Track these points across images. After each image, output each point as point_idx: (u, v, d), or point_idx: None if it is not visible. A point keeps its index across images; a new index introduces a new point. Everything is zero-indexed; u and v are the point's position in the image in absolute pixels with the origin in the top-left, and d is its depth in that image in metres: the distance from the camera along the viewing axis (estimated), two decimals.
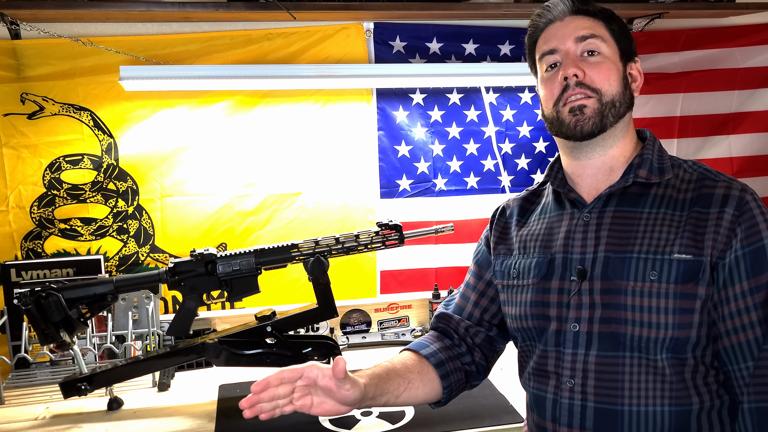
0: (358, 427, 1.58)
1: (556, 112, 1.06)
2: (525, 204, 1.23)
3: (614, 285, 1.01)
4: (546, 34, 1.10)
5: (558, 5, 1.09)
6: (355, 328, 2.32)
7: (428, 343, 1.22)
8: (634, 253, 1.00)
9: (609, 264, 1.02)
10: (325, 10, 2.02)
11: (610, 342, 1.00)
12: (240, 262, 1.70)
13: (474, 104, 2.35)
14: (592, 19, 1.07)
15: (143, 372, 1.75)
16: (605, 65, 1.05)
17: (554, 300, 1.07)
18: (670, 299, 0.97)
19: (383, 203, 2.32)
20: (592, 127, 1.03)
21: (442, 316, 1.27)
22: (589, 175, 1.09)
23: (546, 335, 1.07)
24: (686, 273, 0.97)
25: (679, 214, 1.01)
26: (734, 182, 1.01)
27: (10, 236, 2.05)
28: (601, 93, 1.03)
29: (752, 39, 2.45)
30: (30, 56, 2.00)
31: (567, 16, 1.08)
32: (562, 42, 1.06)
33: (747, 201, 0.98)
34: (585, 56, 1.05)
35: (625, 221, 1.04)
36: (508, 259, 1.18)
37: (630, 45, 1.10)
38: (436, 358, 1.17)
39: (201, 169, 2.16)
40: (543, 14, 1.11)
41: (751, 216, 0.97)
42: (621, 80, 1.06)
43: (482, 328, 1.23)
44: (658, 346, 0.98)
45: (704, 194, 1.01)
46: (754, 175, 2.53)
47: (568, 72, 1.04)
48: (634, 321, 0.98)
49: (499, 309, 1.22)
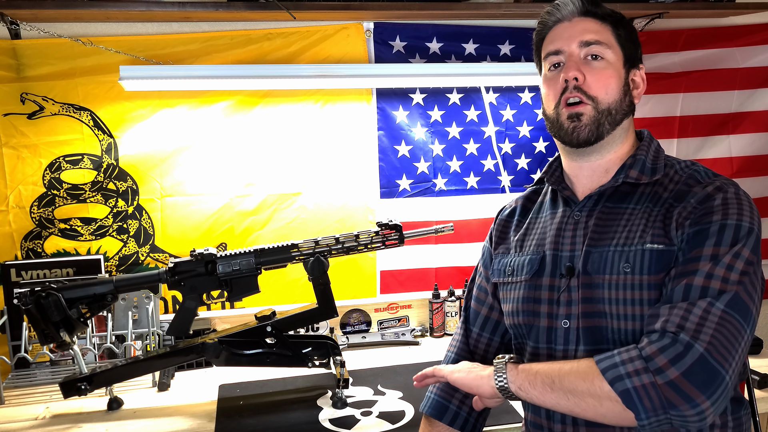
0: (358, 426, 1.58)
1: (557, 114, 1.08)
2: (527, 203, 1.25)
3: (593, 280, 1.02)
4: (553, 33, 1.10)
5: (567, 5, 1.09)
6: (355, 328, 2.32)
7: (446, 403, 1.24)
8: (610, 247, 1.02)
9: (589, 259, 1.03)
10: (325, 10, 2.02)
11: (595, 337, 1.02)
12: (240, 262, 1.70)
13: (474, 104, 2.35)
14: (600, 23, 1.08)
15: (143, 372, 1.75)
16: (606, 72, 1.05)
17: (545, 297, 1.08)
18: (645, 290, 0.97)
19: (383, 203, 2.32)
20: (588, 135, 1.05)
21: (461, 354, 1.28)
22: (585, 175, 1.11)
23: (537, 332, 1.09)
24: (658, 263, 0.97)
25: (658, 209, 1.01)
26: (717, 181, 1.01)
27: (10, 236, 2.05)
28: (598, 101, 1.04)
29: (752, 39, 2.45)
30: (30, 56, 2.00)
31: (575, 17, 1.09)
32: (567, 44, 1.07)
33: (713, 196, 0.97)
34: (588, 60, 1.06)
35: (608, 218, 1.06)
36: (505, 257, 1.21)
37: (636, 51, 1.10)
38: (460, 419, 1.23)
39: (201, 169, 2.16)
40: (552, 12, 1.11)
41: (710, 205, 0.96)
42: (621, 88, 1.06)
43: (496, 337, 1.26)
44: (639, 338, 0.97)
45: (682, 191, 1.01)
46: (754, 175, 2.53)
47: (569, 75, 1.05)
48: (612, 314, 1.00)
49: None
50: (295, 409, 1.70)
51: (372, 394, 1.78)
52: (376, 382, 1.86)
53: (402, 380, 1.86)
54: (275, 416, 1.65)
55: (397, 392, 1.78)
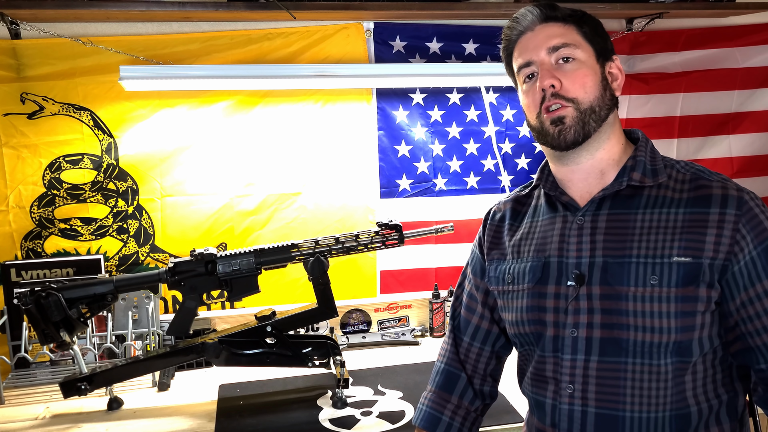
0: (358, 426, 1.58)
1: (540, 122, 1.06)
2: (516, 206, 1.22)
3: (615, 291, 1.00)
4: (519, 45, 1.09)
5: (527, 15, 1.08)
6: (355, 328, 2.32)
7: (438, 414, 1.24)
8: (633, 258, 1.00)
9: (608, 269, 1.01)
10: (325, 10, 2.02)
11: (612, 347, 1.00)
12: (240, 261, 1.70)
13: (474, 104, 2.35)
14: (562, 25, 1.06)
15: (143, 372, 1.75)
16: (581, 72, 1.04)
17: (551, 305, 1.06)
18: (672, 303, 0.97)
19: (383, 203, 2.32)
20: (575, 136, 1.03)
21: (451, 364, 1.28)
22: (579, 179, 1.09)
23: (543, 341, 1.07)
24: (686, 276, 0.97)
25: (675, 213, 1.00)
26: (729, 182, 1.02)
27: (10, 236, 2.05)
28: (578, 102, 1.03)
29: (752, 39, 2.45)
30: (30, 56, 2.00)
31: (537, 25, 1.07)
32: (536, 53, 1.06)
33: (746, 201, 0.98)
34: (560, 63, 1.05)
35: (620, 224, 1.03)
36: (502, 264, 1.18)
37: (605, 44, 1.09)
38: (453, 430, 1.23)
39: (201, 169, 2.16)
40: (513, 27, 1.10)
41: (754, 215, 0.97)
42: (599, 83, 1.05)
43: (487, 346, 1.25)
44: (662, 351, 0.97)
45: (702, 195, 1.00)
46: (754, 175, 2.53)
47: (545, 84, 1.03)
48: (636, 326, 0.98)
49: (500, 316, 1.22)
50: (295, 409, 1.70)
51: (372, 394, 1.78)
52: (376, 382, 1.86)
53: (402, 380, 1.86)
54: (275, 416, 1.66)
55: (397, 392, 1.78)
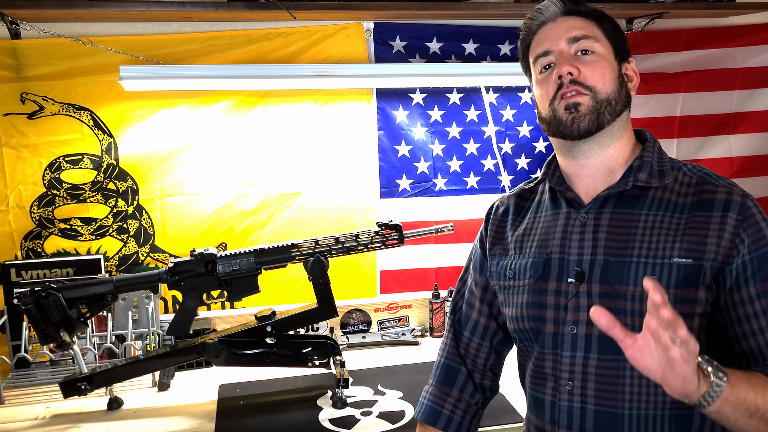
0: (358, 426, 1.58)
1: (552, 110, 1.05)
2: (520, 201, 1.22)
3: (614, 289, 1.00)
4: (539, 36, 1.09)
5: (549, 7, 1.08)
6: (355, 328, 2.32)
7: (439, 408, 1.24)
8: (633, 257, 1.00)
9: (609, 268, 1.01)
10: (325, 10, 2.02)
11: (612, 345, 0.99)
12: (240, 261, 1.70)
13: (474, 104, 2.35)
14: (584, 20, 1.07)
15: (143, 372, 1.75)
16: (600, 64, 1.04)
17: (551, 302, 1.06)
18: (671, 304, 0.96)
19: (383, 203, 2.32)
20: (588, 125, 1.02)
21: (451, 358, 1.28)
22: (587, 175, 1.08)
23: (543, 337, 1.07)
24: (686, 278, 0.97)
25: (678, 217, 1.00)
26: (735, 187, 1.01)
27: (10, 236, 2.05)
28: (596, 91, 1.02)
29: (752, 39, 2.45)
30: (30, 56, 2.00)
31: (559, 17, 1.08)
32: (555, 43, 1.06)
33: (749, 206, 0.98)
34: (579, 55, 1.04)
35: (623, 224, 1.03)
36: (504, 259, 1.17)
37: (624, 45, 1.09)
38: (454, 423, 1.23)
39: (201, 169, 2.16)
40: (535, 17, 1.10)
41: (755, 221, 0.97)
42: (616, 78, 1.05)
43: (486, 342, 1.24)
44: None
45: (706, 199, 1.00)
46: (754, 175, 2.53)
47: (563, 70, 1.03)
48: (635, 326, 0.97)
49: (499, 311, 1.22)
50: (295, 409, 1.70)
51: (372, 394, 1.78)
52: (376, 382, 1.86)
53: (402, 380, 1.86)
54: (275, 416, 1.66)
55: (397, 392, 1.78)
